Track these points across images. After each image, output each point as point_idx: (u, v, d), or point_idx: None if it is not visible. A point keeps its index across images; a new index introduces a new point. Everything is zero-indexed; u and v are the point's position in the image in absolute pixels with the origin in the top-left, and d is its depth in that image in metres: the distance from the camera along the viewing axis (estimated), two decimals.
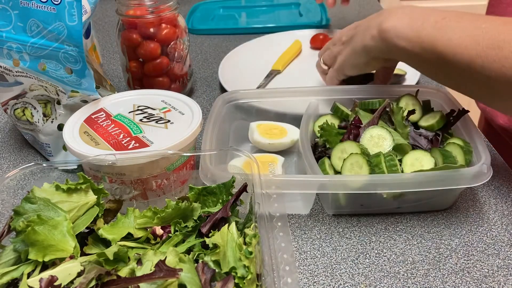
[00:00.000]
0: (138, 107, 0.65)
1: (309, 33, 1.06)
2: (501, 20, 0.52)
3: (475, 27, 0.53)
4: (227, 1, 1.33)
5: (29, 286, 0.41)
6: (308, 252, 0.56)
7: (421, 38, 0.56)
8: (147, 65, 0.81)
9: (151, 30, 0.79)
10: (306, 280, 0.53)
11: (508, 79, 0.50)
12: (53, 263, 0.44)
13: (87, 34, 0.69)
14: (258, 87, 0.88)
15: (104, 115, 0.63)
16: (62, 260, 0.44)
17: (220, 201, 0.51)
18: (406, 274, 0.53)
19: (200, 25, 1.20)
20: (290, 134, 0.70)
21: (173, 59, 0.82)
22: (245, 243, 0.44)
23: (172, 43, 0.81)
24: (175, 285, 0.40)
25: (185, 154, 0.58)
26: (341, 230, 0.59)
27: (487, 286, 0.51)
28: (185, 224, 0.48)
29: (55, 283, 0.40)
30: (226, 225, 0.46)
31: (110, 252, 0.42)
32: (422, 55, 0.57)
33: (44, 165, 0.52)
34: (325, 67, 0.76)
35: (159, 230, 0.48)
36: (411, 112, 0.64)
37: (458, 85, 0.58)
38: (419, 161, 0.58)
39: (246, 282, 0.41)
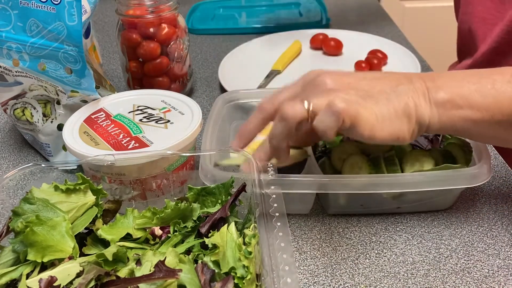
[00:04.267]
0: (138, 107, 0.65)
1: (309, 33, 1.06)
2: None
3: None
4: (227, 1, 1.33)
5: (28, 287, 0.41)
6: (308, 252, 0.56)
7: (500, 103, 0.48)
8: (147, 65, 0.81)
9: (151, 30, 0.79)
10: (306, 280, 0.52)
11: None
12: (52, 264, 0.44)
13: (87, 34, 0.69)
14: (258, 87, 0.88)
15: (104, 115, 0.63)
16: (61, 260, 0.44)
17: (219, 201, 0.51)
18: (406, 274, 0.53)
19: (200, 25, 1.20)
20: None
21: (173, 59, 0.82)
22: (244, 243, 0.44)
23: (172, 43, 0.80)
24: (174, 286, 0.40)
25: (184, 154, 0.58)
26: (341, 230, 0.59)
27: (488, 286, 0.51)
28: (184, 224, 0.48)
29: (55, 284, 0.40)
30: (226, 225, 0.46)
31: (109, 252, 0.42)
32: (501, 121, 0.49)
33: (43, 165, 0.52)
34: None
35: (158, 231, 0.48)
36: None
37: None
38: (419, 161, 0.57)
39: (245, 282, 0.41)
